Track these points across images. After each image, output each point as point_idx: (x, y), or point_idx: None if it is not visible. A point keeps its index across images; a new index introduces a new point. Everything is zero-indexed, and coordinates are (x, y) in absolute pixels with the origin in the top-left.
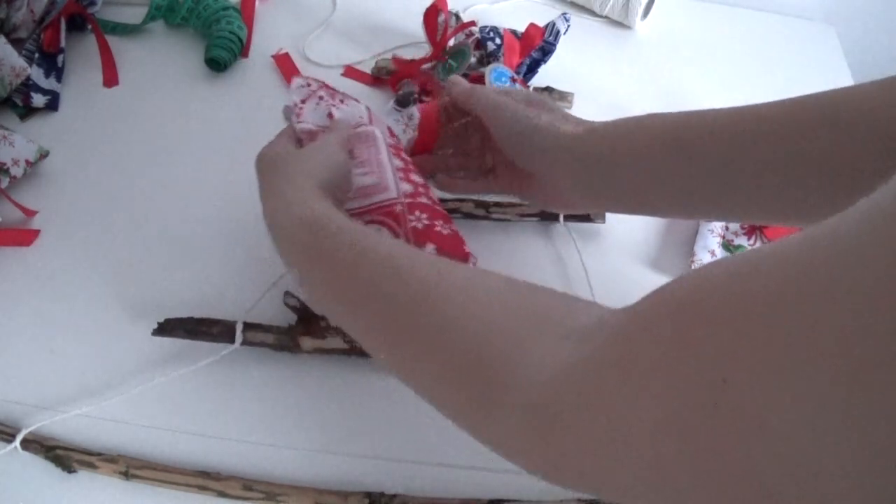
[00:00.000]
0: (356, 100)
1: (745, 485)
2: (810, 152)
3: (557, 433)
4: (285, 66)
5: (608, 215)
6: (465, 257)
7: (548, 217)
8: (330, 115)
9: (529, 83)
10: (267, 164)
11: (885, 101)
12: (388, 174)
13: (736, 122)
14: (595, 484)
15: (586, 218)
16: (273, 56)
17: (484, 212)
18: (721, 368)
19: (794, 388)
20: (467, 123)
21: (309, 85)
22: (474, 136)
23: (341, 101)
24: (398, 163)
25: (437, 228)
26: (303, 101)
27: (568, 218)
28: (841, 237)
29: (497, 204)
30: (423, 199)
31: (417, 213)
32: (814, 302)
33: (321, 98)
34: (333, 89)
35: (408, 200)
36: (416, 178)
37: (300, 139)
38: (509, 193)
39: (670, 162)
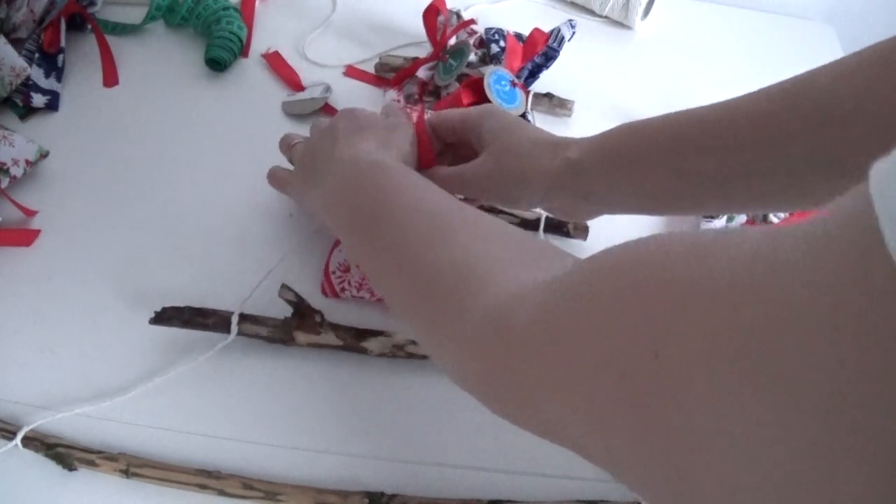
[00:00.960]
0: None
1: (662, 439)
2: (794, 154)
3: (509, 344)
4: (277, 65)
5: (590, 232)
6: None
7: (528, 226)
8: None
9: (530, 88)
10: (357, 118)
11: (854, 88)
12: None
13: (719, 130)
14: (528, 410)
15: (566, 233)
16: (263, 55)
17: None
18: (658, 341)
19: (718, 371)
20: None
21: (399, 101)
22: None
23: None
24: None
25: None
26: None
27: (547, 230)
28: (799, 241)
29: (480, 207)
30: None
31: None
32: (754, 298)
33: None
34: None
35: None
36: None
37: None
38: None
39: (658, 186)
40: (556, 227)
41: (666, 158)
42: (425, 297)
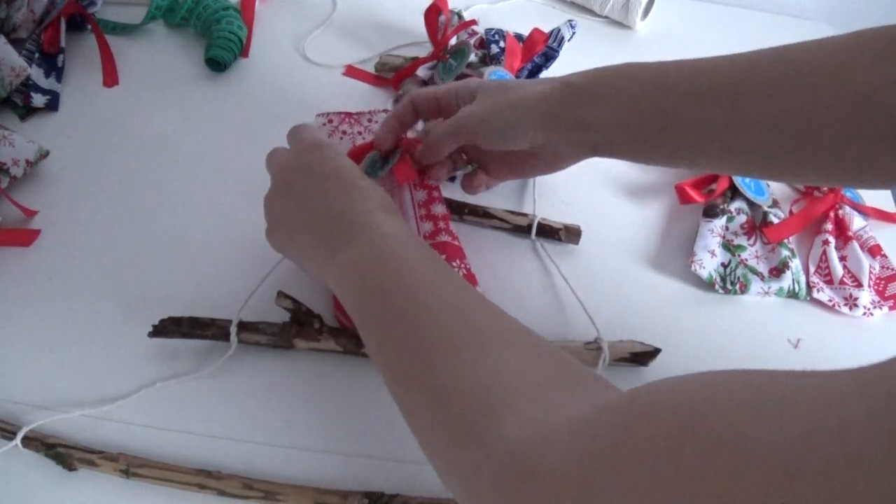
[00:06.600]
0: (385, 111)
1: None
2: (763, 112)
3: (534, 488)
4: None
5: (583, 237)
6: None
7: (519, 231)
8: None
9: None
10: (331, 160)
11: (834, 63)
12: (408, 215)
13: (717, 83)
14: None
15: (558, 239)
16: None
17: (457, 217)
18: None
19: None
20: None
21: (330, 121)
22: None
23: (369, 121)
24: (421, 195)
25: (453, 267)
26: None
27: (539, 234)
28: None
29: (472, 211)
30: (444, 237)
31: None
32: (807, 473)
33: (344, 133)
34: (358, 114)
35: (428, 242)
36: (438, 209)
37: None
38: (510, 178)
39: (638, 120)
40: (548, 233)
41: (648, 95)
42: (442, 413)
